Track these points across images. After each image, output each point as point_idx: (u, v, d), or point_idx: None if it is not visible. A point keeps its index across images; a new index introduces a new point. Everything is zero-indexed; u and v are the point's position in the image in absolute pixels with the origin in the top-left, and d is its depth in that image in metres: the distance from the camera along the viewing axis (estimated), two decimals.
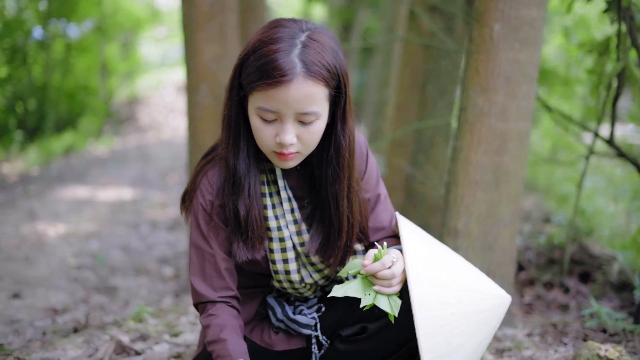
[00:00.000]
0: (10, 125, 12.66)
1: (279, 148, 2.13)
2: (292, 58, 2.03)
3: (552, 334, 3.35)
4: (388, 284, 2.08)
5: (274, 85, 2.03)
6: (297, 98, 2.05)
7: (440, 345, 2.03)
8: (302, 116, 2.09)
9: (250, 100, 2.13)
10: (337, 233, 2.32)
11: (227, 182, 2.26)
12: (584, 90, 7.11)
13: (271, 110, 2.07)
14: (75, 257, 5.91)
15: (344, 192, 2.29)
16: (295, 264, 2.35)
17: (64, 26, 14.67)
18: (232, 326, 2.28)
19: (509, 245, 3.27)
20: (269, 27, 2.12)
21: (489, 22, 3.10)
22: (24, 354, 3.17)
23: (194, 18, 4.47)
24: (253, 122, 2.14)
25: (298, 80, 2.03)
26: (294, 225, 2.34)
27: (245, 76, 2.11)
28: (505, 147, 3.15)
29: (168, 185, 10.00)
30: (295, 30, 2.09)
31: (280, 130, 2.10)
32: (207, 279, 2.33)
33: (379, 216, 2.48)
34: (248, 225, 2.26)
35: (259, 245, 2.29)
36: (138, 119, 16.75)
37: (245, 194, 2.25)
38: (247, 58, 2.11)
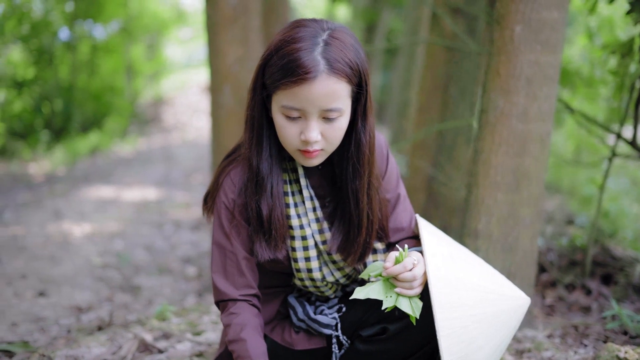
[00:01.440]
0: (37, 126, 12.80)
1: (304, 146, 2.16)
2: (315, 56, 2.07)
3: (572, 335, 3.36)
4: (409, 286, 2.10)
5: (298, 82, 2.06)
6: (321, 95, 2.08)
7: (460, 346, 2.05)
8: (326, 113, 2.11)
9: (274, 99, 2.16)
10: (356, 229, 2.34)
11: (250, 181, 2.29)
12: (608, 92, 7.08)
13: (296, 108, 2.10)
14: (100, 256, 5.97)
15: (364, 189, 2.32)
16: (317, 262, 2.38)
17: (90, 27, 14.79)
18: (252, 325, 2.31)
19: (529, 247, 3.28)
20: (290, 27, 2.16)
21: (510, 24, 3.11)
22: (49, 351, 3.22)
23: (218, 20, 4.52)
24: (277, 120, 2.17)
25: (322, 77, 2.06)
26: (316, 223, 2.37)
27: (268, 76, 2.14)
28: (526, 149, 3.16)
29: (192, 185, 10.05)
30: (316, 29, 2.13)
31: (304, 127, 2.13)
32: (229, 277, 2.36)
33: (399, 217, 2.50)
34: (271, 224, 2.29)
35: (281, 245, 2.32)
36: (163, 119, 16.84)
37: (267, 194, 2.28)
38: (270, 58, 2.14)
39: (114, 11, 15.10)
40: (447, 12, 4.62)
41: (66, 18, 13.75)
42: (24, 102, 12.53)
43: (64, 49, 13.86)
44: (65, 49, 13.87)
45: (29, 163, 11.50)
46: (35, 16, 12.83)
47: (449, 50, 4.68)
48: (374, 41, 12.43)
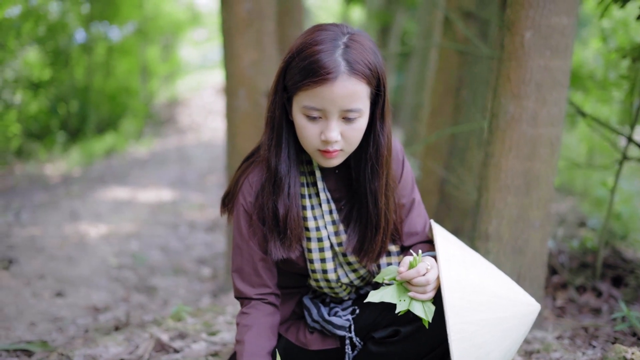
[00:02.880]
0: (53, 127, 12.88)
1: (324, 146, 2.21)
2: (336, 57, 2.13)
3: (582, 337, 3.38)
4: (422, 291, 2.14)
5: (319, 83, 2.11)
6: (342, 95, 2.13)
7: (471, 351, 2.09)
8: (346, 113, 2.16)
9: (295, 101, 2.21)
10: (374, 229, 2.39)
11: (267, 182, 2.34)
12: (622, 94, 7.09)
13: (317, 108, 2.16)
14: (116, 257, 6.03)
15: (382, 189, 2.37)
16: (332, 263, 2.43)
17: (105, 29, 14.88)
18: (259, 326, 2.38)
19: (539, 249, 3.32)
20: (311, 31, 2.22)
21: (520, 30, 3.15)
22: (67, 351, 3.28)
23: (233, 24, 4.57)
24: (298, 121, 2.22)
25: (342, 78, 2.12)
26: (332, 225, 2.42)
27: (290, 77, 2.20)
28: (536, 153, 3.20)
29: (207, 186, 10.11)
30: (337, 33, 2.19)
31: (325, 127, 2.18)
32: (245, 277, 2.44)
33: (413, 221, 2.55)
34: (286, 224, 2.35)
35: (295, 245, 2.38)
36: (178, 120, 16.92)
37: (285, 194, 2.34)
38: (292, 60, 2.19)
39: (130, 13, 15.19)
40: (459, 16, 4.67)
41: (82, 20, 13.84)
42: (40, 104, 12.61)
43: (80, 50, 13.95)
44: (81, 51, 13.96)
45: (45, 164, 11.59)
46: (51, 18, 12.91)
47: (461, 54, 4.73)
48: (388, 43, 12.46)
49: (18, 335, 3.89)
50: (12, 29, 10.85)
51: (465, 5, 4.65)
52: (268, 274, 2.45)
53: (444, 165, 4.80)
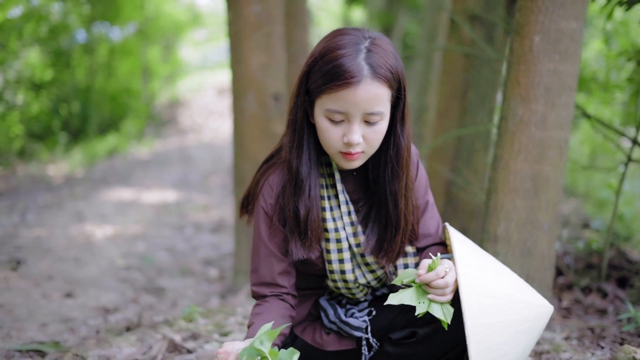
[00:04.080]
0: (55, 128, 12.90)
1: (346, 148, 2.25)
2: (360, 61, 2.17)
3: (589, 337, 3.41)
4: (442, 293, 2.17)
5: (343, 86, 2.15)
6: (365, 99, 2.17)
7: (488, 352, 2.12)
8: (369, 116, 2.21)
9: (317, 104, 2.25)
10: (394, 230, 2.43)
11: (289, 183, 2.37)
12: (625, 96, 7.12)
13: (340, 111, 2.20)
14: (123, 258, 6.06)
15: (402, 191, 2.41)
16: (350, 264, 2.46)
17: (107, 30, 14.89)
18: (269, 311, 2.41)
19: (547, 251, 3.35)
20: (333, 36, 2.26)
21: (530, 35, 3.18)
22: (81, 351, 3.32)
23: (241, 28, 4.60)
24: (320, 124, 2.26)
25: (366, 82, 2.16)
26: (351, 226, 2.45)
27: (313, 81, 2.24)
28: (545, 156, 3.23)
29: (210, 187, 10.14)
30: (358, 37, 2.22)
31: (347, 130, 2.22)
32: (261, 277, 2.47)
33: (427, 223, 2.59)
34: (307, 225, 2.38)
35: (315, 245, 2.41)
36: (179, 121, 16.93)
37: (305, 195, 2.37)
38: (315, 64, 2.23)
39: (131, 13, 15.20)
40: (465, 19, 4.70)
41: (83, 20, 13.86)
42: (42, 104, 12.63)
43: (81, 51, 13.96)
44: (83, 51, 13.97)
45: (47, 165, 11.61)
46: (53, 19, 12.94)
47: (467, 57, 4.75)
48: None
49: (30, 336, 3.92)
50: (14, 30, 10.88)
51: (471, 8, 4.68)
52: (285, 276, 2.48)
53: (450, 167, 4.82)
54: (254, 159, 4.68)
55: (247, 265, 4.89)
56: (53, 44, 13.01)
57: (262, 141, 4.70)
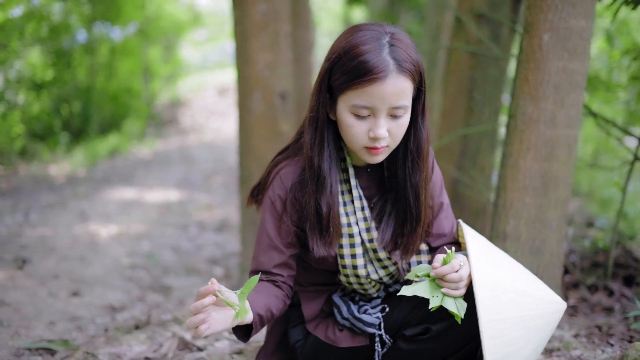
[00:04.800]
0: (56, 127, 12.90)
1: (372, 143, 2.27)
2: (385, 56, 2.19)
3: (597, 335, 3.42)
4: (455, 287, 2.18)
5: (371, 82, 2.18)
6: (391, 93, 2.19)
7: (501, 347, 2.13)
8: (394, 110, 2.23)
9: (341, 100, 2.27)
10: (414, 222, 2.45)
11: (310, 180, 2.38)
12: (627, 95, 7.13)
13: (366, 107, 2.22)
14: (128, 257, 6.07)
15: (422, 183, 2.44)
16: (363, 259, 2.48)
17: (107, 30, 14.90)
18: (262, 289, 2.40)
19: (556, 249, 3.36)
20: (353, 32, 2.28)
21: (539, 33, 3.19)
22: (92, 349, 3.32)
23: (248, 27, 4.60)
24: (345, 120, 2.27)
25: (392, 76, 2.18)
26: (364, 222, 2.46)
27: (336, 78, 2.25)
28: (554, 154, 3.24)
29: (213, 187, 10.14)
30: (379, 32, 2.25)
31: (374, 125, 2.24)
32: (260, 265, 2.49)
33: (442, 223, 2.60)
34: (329, 222, 2.39)
35: (335, 242, 2.43)
36: (179, 121, 16.94)
37: (327, 192, 2.38)
38: (338, 61, 2.25)
39: (132, 14, 15.20)
40: (471, 18, 4.70)
41: (84, 20, 13.86)
42: (43, 104, 12.64)
43: (82, 51, 13.97)
44: (84, 51, 13.98)
45: (49, 164, 11.61)
46: (54, 19, 12.94)
47: (473, 56, 4.76)
48: None
49: (38, 334, 3.92)
50: (16, 30, 10.88)
51: (477, 7, 4.68)
52: (283, 268, 2.50)
53: (456, 165, 4.83)
54: (261, 158, 4.68)
55: None
56: (54, 43, 13.01)
57: (268, 140, 4.70)
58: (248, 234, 4.91)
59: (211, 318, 2.09)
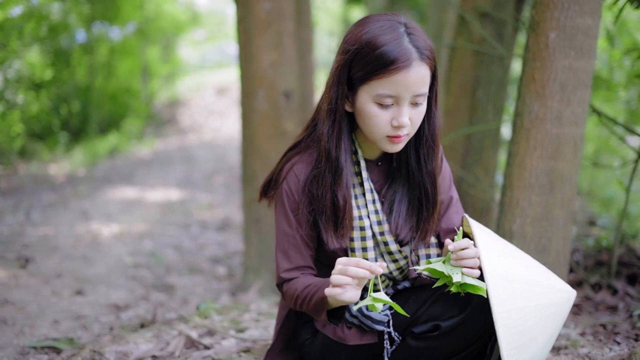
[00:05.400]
0: (55, 127, 12.88)
1: (395, 131, 2.30)
2: (407, 45, 2.23)
3: (603, 334, 3.42)
4: (473, 263, 2.20)
5: (396, 70, 2.21)
6: (415, 81, 2.23)
7: (516, 337, 2.14)
8: (416, 98, 2.27)
9: (364, 90, 2.29)
10: (432, 208, 2.50)
11: (328, 172, 2.40)
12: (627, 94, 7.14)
13: (391, 95, 2.25)
14: (131, 256, 6.07)
15: (437, 169, 2.50)
16: (374, 252, 2.49)
17: (106, 29, 14.89)
18: (314, 278, 2.45)
19: (562, 247, 3.36)
20: (368, 23, 2.30)
21: (545, 31, 3.20)
22: (98, 347, 3.32)
23: (252, 25, 4.61)
24: (368, 110, 2.29)
25: (415, 64, 2.23)
26: (375, 215, 2.48)
27: (358, 69, 2.27)
28: (560, 152, 3.24)
29: (214, 186, 10.13)
30: (394, 22, 2.28)
31: (397, 113, 2.27)
32: (292, 260, 2.50)
33: (451, 218, 2.61)
34: (345, 214, 2.41)
35: (347, 234, 2.44)
36: (179, 120, 16.92)
37: (344, 184, 2.40)
38: (358, 52, 2.27)
39: (131, 13, 15.20)
40: (475, 16, 4.71)
41: (83, 20, 13.85)
42: (42, 104, 12.62)
43: (81, 50, 13.96)
44: (83, 51, 13.97)
45: (48, 164, 11.59)
46: (53, 18, 12.93)
47: (477, 55, 4.76)
48: None
49: (43, 333, 3.92)
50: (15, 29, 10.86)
51: (481, 6, 4.68)
52: (311, 259, 2.53)
53: (459, 164, 4.83)
54: (265, 157, 4.69)
55: (257, 263, 4.91)
56: (53, 43, 13.00)
57: (273, 139, 4.70)
58: (251, 233, 4.92)
59: (347, 288, 2.16)
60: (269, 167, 4.70)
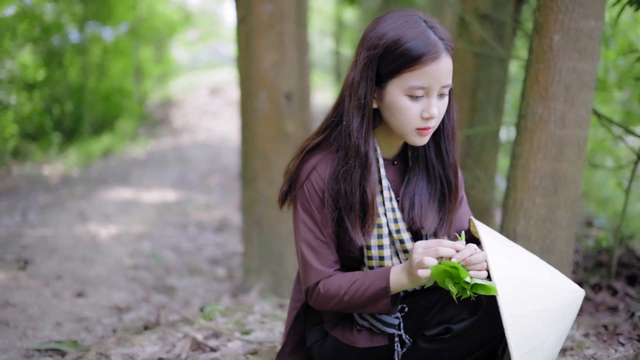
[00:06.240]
0: (47, 127, 12.85)
1: (424, 123, 2.32)
2: (433, 37, 2.27)
3: (605, 335, 3.44)
4: (482, 267, 2.20)
5: (429, 61, 2.24)
6: (444, 72, 2.27)
7: (526, 342, 2.14)
8: (443, 89, 2.31)
9: (394, 84, 2.31)
10: (454, 198, 2.55)
11: (358, 168, 2.40)
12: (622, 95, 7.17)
13: (423, 87, 2.27)
14: (130, 257, 6.07)
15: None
16: (389, 250, 2.48)
17: (99, 29, 14.86)
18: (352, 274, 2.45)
19: (566, 249, 3.38)
20: (390, 20, 2.33)
21: (549, 33, 3.21)
22: (104, 350, 3.32)
23: (254, 26, 4.62)
24: (401, 103, 2.31)
25: (443, 55, 2.27)
26: (392, 212, 2.48)
27: (388, 63, 2.29)
28: (564, 154, 3.25)
29: (210, 187, 10.13)
30: (414, 17, 2.33)
31: (427, 105, 2.30)
32: (322, 260, 2.48)
33: (462, 218, 2.63)
34: (373, 209, 2.42)
35: (372, 231, 2.44)
36: (172, 121, 16.89)
37: (372, 180, 2.41)
38: (388, 47, 2.29)
39: (124, 14, 15.17)
40: (475, 18, 4.72)
41: (76, 20, 13.83)
42: (34, 104, 12.59)
43: (74, 51, 13.93)
44: (75, 51, 13.94)
45: (42, 165, 11.56)
46: (46, 18, 12.91)
47: (477, 56, 4.78)
48: None
49: (46, 335, 3.92)
50: (8, 30, 10.84)
51: (481, 8, 4.70)
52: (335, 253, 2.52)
53: (460, 165, 4.84)
54: (266, 158, 4.69)
55: (258, 265, 4.91)
56: (46, 43, 12.97)
57: (274, 140, 4.71)
58: (252, 234, 4.92)
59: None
60: (270, 168, 4.73)
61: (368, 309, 2.41)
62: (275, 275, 4.91)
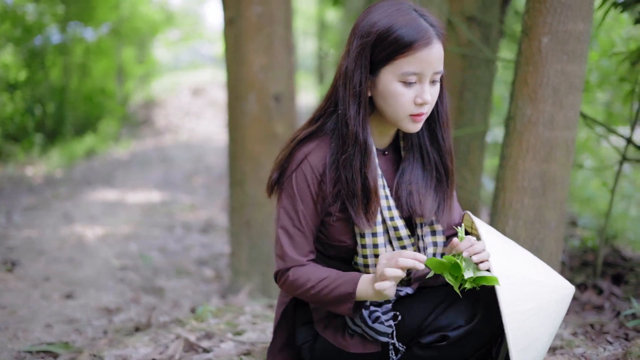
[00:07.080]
0: (29, 128, 12.80)
1: (418, 109, 2.34)
2: (424, 24, 2.30)
3: (592, 333, 3.47)
4: (486, 255, 2.23)
5: (421, 47, 2.27)
6: (436, 57, 2.31)
7: (523, 338, 2.18)
8: (435, 75, 2.34)
9: (387, 71, 2.33)
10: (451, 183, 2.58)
11: (359, 154, 2.41)
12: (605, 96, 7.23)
13: (416, 73, 2.29)
14: (118, 258, 6.06)
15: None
16: (383, 237, 2.48)
17: (81, 30, 14.81)
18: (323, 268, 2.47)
19: (554, 249, 3.41)
20: (382, 9, 2.36)
21: (538, 36, 3.25)
22: (97, 351, 3.33)
23: (243, 28, 4.63)
24: (394, 89, 2.33)
25: (435, 41, 2.30)
26: (385, 200, 2.49)
27: (381, 49, 2.31)
28: (552, 155, 3.29)
29: (194, 187, 10.13)
30: (404, 6, 2.35)
31: (420, 91, 2.32)
32: (297, 247, 2.49)
33: (454, 213, 2.65)
34: (377, 195, 2.43)
35: (375, 217, 2.45)
36: (154, 121, 16.84)
37: (373, 166, 2.43)
38: (380, 34, 2.31)
39: (106, 14, 15.13)
40: (462, 20, 4.75)
41: (58, 21, 13.77)
42: (16, 105, 12.54)
43: (56, 51, 13.87)
44: (57, 52, 13.88)
45: (25, 166, 11.52)
46: (28, 19, 12.85)
47: (464, 58, 4.81)
48: None
49: (37, 337, 3.91)
50: None
51: (468, 10, 4.73)
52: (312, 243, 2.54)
53: None
54: (255, 160, 4.71)
55: (247, 267, 4.93)
56: (28, 44, 12.92)
57: (263, 142, 4.73)
58: (241, 236, 4.93)
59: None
60: (259, 169, 4.74)
61: (330, 308, 2.44)
62: (264, 276, 4.93)
